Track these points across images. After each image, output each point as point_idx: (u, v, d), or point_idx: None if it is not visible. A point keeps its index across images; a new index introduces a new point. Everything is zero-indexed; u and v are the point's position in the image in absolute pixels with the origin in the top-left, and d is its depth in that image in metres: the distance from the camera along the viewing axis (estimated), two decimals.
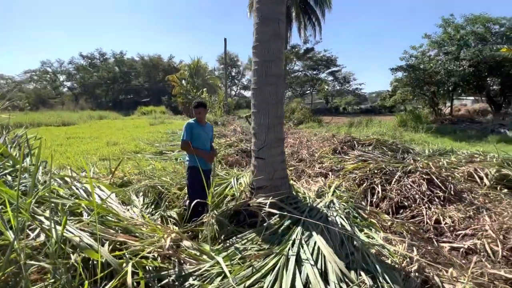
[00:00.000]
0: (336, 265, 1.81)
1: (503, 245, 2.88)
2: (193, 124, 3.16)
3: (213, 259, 2.02)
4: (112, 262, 1.69)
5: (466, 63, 15.12)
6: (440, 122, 15.54)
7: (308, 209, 2.61)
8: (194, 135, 3.10)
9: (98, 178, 4.26)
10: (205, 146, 3.24)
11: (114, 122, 19.88)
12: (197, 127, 3.16)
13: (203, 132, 3.22)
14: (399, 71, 18.25)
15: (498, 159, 5.23)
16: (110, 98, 46.32)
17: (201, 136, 3.17)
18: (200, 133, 3.17)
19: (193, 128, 3.11)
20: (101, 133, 12.97)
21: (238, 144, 8.27)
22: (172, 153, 7.57)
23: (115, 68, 46.15)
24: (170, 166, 5.09)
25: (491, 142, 10.02)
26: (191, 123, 3.17)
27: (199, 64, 31.25)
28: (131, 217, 2.69)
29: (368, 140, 7.50)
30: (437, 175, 4.22)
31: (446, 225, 3.48)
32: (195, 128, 3.13)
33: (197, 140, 3.11)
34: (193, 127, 3.12)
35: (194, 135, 3.11)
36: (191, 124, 3.15)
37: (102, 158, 6.85)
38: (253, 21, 2.59)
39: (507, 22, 16.06)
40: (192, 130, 3.10)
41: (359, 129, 12.72)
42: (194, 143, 3.09)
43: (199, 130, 3.17)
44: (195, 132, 3.12)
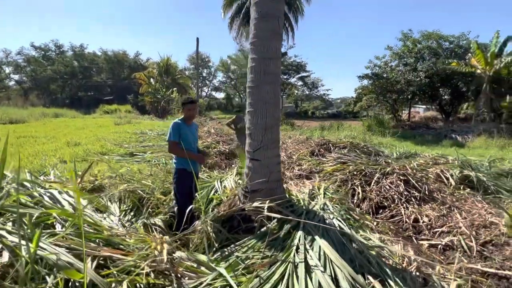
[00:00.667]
0: (346, 270, 1.76)
1: (476, 240, 3.11)
2: (180, 124, 2.95)
3: (212, 270, 1.84)
4: (101, 283, 1.43)
5: (423, 74, 16.68)
6: (400, 128, 16.85)
7: (305, 212, 2.55)
8: (182, 135, 2.90)
9: (63, 183, 3.76)
10: (193, 148, 3.07)
11: (73, 121, 18.13)
12: (184, 127, 2.97)
13: (190, 132, 3.04)
14: (365, 79, 19.52)
15: (459, 161, 5.75)
16: (67, 95, 42.28)
17: (189, 137, 2.99)
18: (188, 133, 2.98)
19: (180, 128, 2.90)
20: (58, 132, 11.70)
21: (215, 146, 8.03)
22: (144, 155, 7.06)
23: (74, 62, 42.27)
24: (145, 169, 4.71)
25: (445, 146, 11.12)
26: (179, 123, 2.95)
27: (169, 63, 30.08)
28: (110, 226, 2.39)
29: (342, 143, 7.77)
30: (412, 176, 4.48)
31: (424, 223, 3.67)
32: (183, 128, 2.93)
33: (184, 141, 2.91)
34: (180, 127, 2.91)
35: (182, 135, 2.90)
36: (178, 124, 2.94)
37: (64, 160, 6.12)
38: (251, 16, 2.48)
39: (455, 40, 18.11)
40: (179, 130, 2.89)
41: (331, 133, 13.24)
42: (183, 144, 2.89)
43: (186, 130, 2.98)
44: (183, 132, 2.91)
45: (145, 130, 12.72)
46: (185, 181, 2.82)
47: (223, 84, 48.47)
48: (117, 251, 1.81)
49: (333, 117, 34.44)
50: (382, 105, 21.54)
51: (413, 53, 18.26)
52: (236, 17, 18.90)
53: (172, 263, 1.76)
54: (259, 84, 2.45)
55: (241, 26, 18.89)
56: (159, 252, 1.79)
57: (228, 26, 19.30)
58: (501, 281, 2.53)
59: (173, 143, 2.88)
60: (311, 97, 42.39)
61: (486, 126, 12.73)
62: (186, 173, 2.82)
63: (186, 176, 2.81)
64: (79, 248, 1.69)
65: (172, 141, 2.88)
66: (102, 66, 44.22)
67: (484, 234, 3.21)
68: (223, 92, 48.96)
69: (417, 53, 18.12)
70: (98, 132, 12.08)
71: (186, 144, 2.91)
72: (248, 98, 2.58)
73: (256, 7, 2.40)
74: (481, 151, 9.28)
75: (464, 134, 12.96)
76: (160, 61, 30.03)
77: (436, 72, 16.46)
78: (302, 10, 19.41)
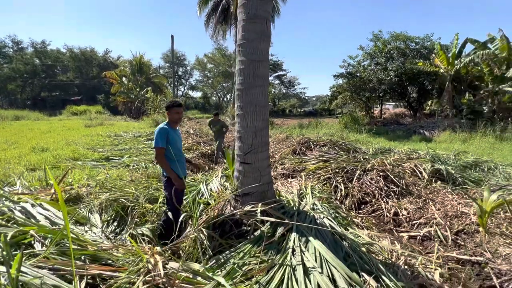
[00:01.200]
0: (342, 270, 1.81)
1: (450, 230, 3.35)
2: (167, 129, 2.80)
3: (209, 279, 1.79)
4: None
5: (393, 74, 17.63)
6: (373, 124, 17.70)
7: (296, 213, 2.57)
8: (170, 141, 2.77)
9: (33, 194, 3.45)
10: (182, 153, 2.99)
11: (37, 124, 16.76)
12: (171, 131, 2.83)
13: (177, 136, 2.94)
14: (340, 78, 20.23)
15: (429, 156, 6.15)
16: (28, 95, 38.99)
17: (177, 142, 2.89)
18: (176, 138, 2.87)
19: (167, 134, 2.76)
20: (21, 137, 10.76)
21: (197, 147, 7.86)
22: (121, 159, 6.72)
23: (35, 60, 38.96)
24: (125, 174, 4.47)
25: (415, 141, 11.85)
26: (165, 128, 2.80)
27: (142, 61, 28.84)
28: (94, 240, 2.24)
29: (322, 141, 7.97)
30: (391, 172, 4.71)
31: (403, 216, 3.89)
32: (170, 134, 2.79)
33: (173, 146, 2.79)
34: (167, 132, 2.77)
35: (170, 141, 2.78)
36: (165, 129, 2.79)
37: (31, 168, 5.63)
38: (239, 17, 2.44)
39: (420, 41, 19.35)
40: (167, 136, 2.75)
41: (309, 131, 13.54)
42: (172, 149, 2.77)
43: (174, 135, 2.86)
44: (171, 137, 2.79)
45: (120, 132, 12.12)
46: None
47: (200, 83, 47.56)
48: (106, 268, 1.70)
49: (309, 115, 35.32)
50: (356, 102, 22.46)
51: (384, 53, 19.24)
52: (212, 15, 18.57)
53: (167, 276, 1.69)
54: (248, 87, 2.43)
55: (218, 24, 18.60)
56: (153, 265, 1.71)
57: (204, 24, 18.92)
58: (474, 267, 2.75)
59: (160, 150, 2.72)
60: (288, 96, 43.08)
61: (449, 122, 13.77)
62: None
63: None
64: (65, 268, 1.56)
65: (160, 148, 2.71)
66: (67, 64, 41.25)
67: (457, 224, 3.47)
68: (200, 91, 48.07)
69: (387, 53, 19.12)
70: (67, 135, 11.30)
71: (175, 149, 2.79)
72: (237, 101, 2.54)
73: (244, 8, 2.37)
74: (447, 145, 10.03)
75: (431, 129, 13.92)
76: (133, 59, 28.72)
77: (405, 71, 17.49)
78: (278, 10, 19.58)
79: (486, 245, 2.93)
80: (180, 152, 2.93)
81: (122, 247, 2.02)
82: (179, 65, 45.84)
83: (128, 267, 1.71)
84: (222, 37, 20.06)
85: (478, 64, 14.54)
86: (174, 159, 2.74)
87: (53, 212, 2.52)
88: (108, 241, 2.33)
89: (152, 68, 32.44)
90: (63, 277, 1.48)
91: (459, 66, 14.42)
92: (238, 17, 2.44)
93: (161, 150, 2.71)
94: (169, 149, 2.74)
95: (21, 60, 37.14)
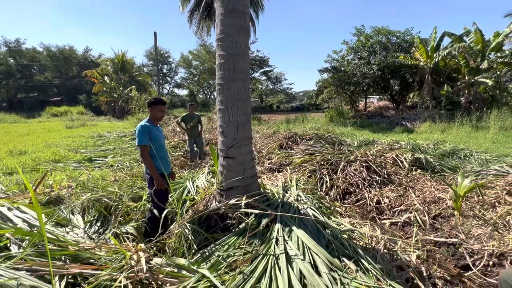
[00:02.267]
0: (323, 256, 1.87)
1: (428, 215, 3.51)
2: (149, 126, 2.77)
3: (194, 273, 1.81)
4: None
5: (375, 67, 18.02)
6: (358, 117, 18.09)
7: (281, 204, 2.62)
8: (152, 137, 2.75)
9: (10, 197, 3.33)
10: (165, 150, 2.96)
11: (14, 126, 16.03)
12: (153, 128, 2.81)
13: (159, 133, 2.91)
14: (325, 72, 20.47)
15: (410, 146, 6.38)
16: (3, 97, 37.09)
17: (160, 139, 2.87)
18: (158, 135, 2.85)
19: (149, 131, 2.73)
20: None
21: (183, 145, 7.78)
22: (105, 159, 6.56)
23: (9, 60, 37.03)
24: (109, 174, 4.38)
25: (398, 132, 12.22)
26: (146, 125, 2.76)
27: (124, 59, 28.06)
28: (76, 241, 2.20)
29: (308, 135, 8.09)
30: (373, 162, 4.86)
31: (385, 204, 4.03)
32: (152, 130, 2.76)
33: (156, 143, 2.77)
34: (149, 129, 2.73)
35: (153, 137, 2.75)
36: (146, 126, 2.75)
37: (8, 171, 5.40)
38: (217, 12, 2.43)
39: (401, 35, 19.84)
40: (149, 133, 2.72)
41: (296, 125, 13.68)
42: (154, 146, 2.75)
43: (156, 131, 2.83)
44: (154, 134, 2.76)
45: (103, 133, 11.81)
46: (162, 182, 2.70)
47: (185, 81, 46.79)
48: (87, 266, 1.68)
49: (297, 110, 35.62)
50: (341, 96, 22.84)
51: (366, 47, 19.60)
52: (195, 11, 18.25)
53: (151, 271, 1.69)
54: (229, 81, 2.43)
55: (201, 20, 18.31)
56: (136, 261, 1.71)
57: (188, 20, 18.57)
58: (449, 248, 2.91)
59: (145, 148, 2.67)
60: (275, 91, 43.19)
61: (429, 113, 14.28)
62: (162, 176, 2.72)
63: (163, 178, 2.71)
64: (43, 268, 1.54)
65: (144, 146, 2.67)
66: (45, 63, 39.48)
67: (434, 209, 3.64)
68: (186, 88, 47.33)
69: (370, 47, 19.49)
70: (47, 137, 10.88)
71: (158, 146, 2.77)
72: (218, 96, 2.54)
73: (222, 2, 2.36)
74: (427, 135, 10.41)
75: (412, 120, 14.38)
76: (115, 57, 27.86)
77: (387, 65, 17.92)
78: (262, 5, 19.49)
79: (460, 227, 3.10)
80: (163, 148, 2.90)
81: (105, 246, 2.00)
82: (164, 62, 44.89)
83: (110, 265, 1.70)
84: (207, 34, 19.77)
85: (455, 57, 15.13)
86: (157, 156, 2.72)
87: (31, 215, 2.45)
88: (91, 241, 2.29)
89: (135, 66, 31.63)
90: (41, 277, 1.46)
91: (438, 59, 14.95)
92: (217, 11, 2.43)
93: (145, 147, 2.67)
94: (151, 146, 2.71)
95: None
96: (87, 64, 38.49)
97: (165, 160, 2.88)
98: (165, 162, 2.85)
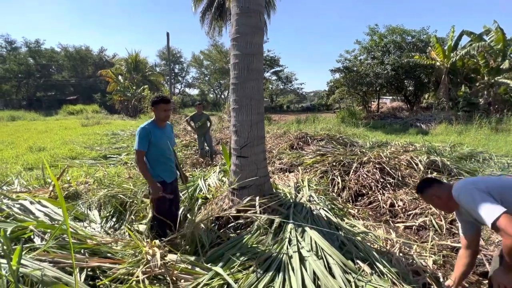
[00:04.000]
0: (337, 257, 1.85)
1: (445, 219, 3.41)
2: (149, 129, 2.45)
3: (208, 270, 1.83)
4: None
5: (389, 67, 17.64)
6: (371, 118, 17.76)
7: (293, 204, 2.61)
8: (153, 141, 2.45)
9: (31, 192, 3.47)
10: (168, 153, 2.60)
11: (34, 124, 16.67)
12: (156, 130, 2.49)
13: (164, 135, 2.56)
14: (337, 72, 20.22)
15: (425, 148, 6.21)
16: (24, 96, 38.63)
17: (162, 141, 2.51)
18: (162, 137, 2.52)
19: (149, 134, 2.43)
20: (17, 137, 10.71)
21: (194, 143, 7.87)
22: (119, 157, 6.73)
23: (29, 60, 38.53)
24: (123, 172, 4.49)
25: (412, 134, 11.92)
26: (146, 128, 2.45)
27: (138, 59, 28.67)
28: (93, 235, 2.26)
29: (319, 136, 8.02)
30: (387, 164, 4.76)
31: (399, 207, 3.94)
32: (154, 133, 2.45)
33: (157, 146, 2.48)
34: (149, 132, 2.43)
35: (154, 141, 2.45)
36: (146, 129, 2.44)
37: (28, 167, 5.63)
38: (232, 11, 2.44)
39: (416, 34, 19.34)
40: (149, 137, 2.43)
41: (307, 126, 13.56)
42: (155, 150, 2.48)
43: (159, 133, 2.51)
44: (154, 137, 2.45)
45: (117, 131, 12.10)
46: (164, 192, 2.45)
47: (196, 80, 47.33)
48: (106, 260, 1.73)
49: (307, 110, 35.34)
50: (353, 97, 22.49)
51: (380, 47, 19.22)
52: (207, 11, 18.43)
53: (166, 267, 1.72)
54: (243, 80, 2.44)
55: (213, 21, 18.48)
56: (151, 256, 1.74)
57: (200, 20, 18.78)
58: None
59: (140, 153, 2.41)
60: (285, 91, 42.99)
61: (445, 114, 13.85)
62: (165, 185, 2.51)
63: (165, 187, 2.49)
64: (65, 260, 1.59)
65: (140, 151, 2.40)
66: (62, 63, 40.85)
67: (451, 213, 3.53)
68: (197, 88, 47.86)
69: (384, 47, 19.10)
70: (64, 135, 11.26)
71: (159, 150, 2.49)
72: (232, 95, 2.55)
73: (238, 2, 2.37)
74: (443, 137, 10.10)
75: (427, 122, 13.98)
76: (128, 57, 28.52)
77: (401, 65, 17.51)
78: (274, 5, 19.47)
79: None
80: (166, 153, 2.56)
81: (121, 241, 2.05)
82: (176, 62, 45.56)
83: (127, 259, 1.74)
84: (218, 34, 19.96)
85: (474, 57, 14.60)
86: (159, 162, 2.49)
87: (51, 209, 2.54)
88: (107, 236, 2.36)
89: (148, 66, 32.26)
90: (63, 269, 1.51)
91: (455, 58, 14.47)
92: (232, 11, 2.44)
93: (141, 153, 2.40)
94: (151, 151, 2.46)
95: (14, 60, 36.72)
96: (102, 64, 39.55)
97: (168, 166, 2.59)
98: (168, 168, 2.59)
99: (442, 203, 1.67)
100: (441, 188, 1.66)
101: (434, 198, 1.69)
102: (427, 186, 1.73)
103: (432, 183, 1.74)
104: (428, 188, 1.72)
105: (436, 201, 1.69)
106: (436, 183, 1.74)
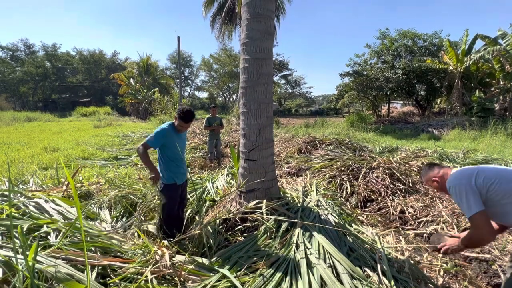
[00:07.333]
0: (345, 264, 1.83)
1: (457, 228, 3.32)
2: (169, 131, 2.57)
3: (215, 272, 1.84)
4: None
5: (400, 71, 17.39)
6: (381, 123, 17.50)
7: (301, 209, 2.60)
8: (168, 143, 2.58)
9: (45, 191, 3.58)
10: (182, 156, 2.68)
11: (49, 125, 17.22)
12: (173, 134, 2.61)
13: (180, 139, 2.69)
14: (347, 76, 20.07)
15: (437, 154, 6.07)
16: (40, 97, 40.02)
17: (175, 146, 2.61)
18: (178, 141, 2.64)
19: (166, 137, 2.56)
20: (33, 137, 11.08)
21: (203, 146, 7.95)
22: (129, 158, 6.86)
23: (46, 63, 39.96)
24: (134, 173, 4.58)
25: (423, 139, 11.67)
26: (167, 129, 2.58)
27: (149, 62, 29.27)
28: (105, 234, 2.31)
29: (328, 140, 7.95)
30: (397, 170, 4.68)
31: (409, 214, 3.86)
32: (170, 136, 2.58)
33: (172, 149, 2.58)
34: (167, 135, 2.55)
35: (169, 144, 2.58)
36: (165, 132, 2.56)
37: (43, 167, 5.81)
38: (242, 16, 2.48)
39: (428, 38, 19.03)
40: (165, 139, 2.55)
41: (315, 130, 13.48)
42: (170, 153, 2.61)
43: (176, 137, 2.63)
44: (170, 140, 2.58)
45: (128, 133, 12.36)
46: (173, 196, 2.60)
47: (205, 84, 47.90)
48: (116, 259, 1.77)
49: (316, 114, 35.14)
50: (363, 101, 22.24)
51: (391, 51, 19.00)
52: (217, 16, 18.70)
53: (174, 267, 1.75)
54: (252, 84, 2.47)
55: (223, 25, 18.72)
56: (160, 257, 1.77)
57: (210, 25, 19.07)
58: (481, 264, 2.72)
59: (147, 148, 2.52)
60: (294, 95, 42.93)
61: (458, 119, 13.50)
62: (176, 187, 2.61)
63: (175, 190, 2.61)
64: (77, 258, 1.64)
65: (149, 146, 2.52)
66: (77, 66, 42.19)
67: (464, 221, 3.42)
68: (206, 91, 48.40)
69: (394, 51, 18.87)
70: (77, 136, 11.57)
71: (174, 154, 2.60)
72: (241, 99, 2.58)
73: (248, 7, 2.41)
74: (456, 143, 9.84)
75: (439, 127, 13.66)
76: (140, 61, 29.16)
77: (412, 69, 17.23)
78: (283, 9, 19.57)
79: (494, 243, 2.89)
80: (179, 156, 2.65)
81: (131, 240, 2.09)
82: (186, 66, 46.30)
83: (136, 258, 1.77)
84: (228, 38, 20.18)
85: (488, 61, 14.24)
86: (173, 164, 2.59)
87: (65, 208, 2.62)
88: (118, 235, 2.40)
89: (158, 69, 32.90)
90: (75, 266, 1.55)
91: (469, 63, 14.14)
92: (242, 16, 2.48)
93: (148, 147, 2.53)
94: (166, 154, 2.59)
95: (32, 63, 38.16)
96: (114, 67, 40.63)
97: (180, 168, 2.69)
98: (180, 170, 2.69)
99: (439, 186, 1.81)
100: (440, 172, 1.80)
101: (433, 181, 1.82)
102: (428, 169, 1.89)
103: (433, 167, 1.89)
104: (428, 170, 1.88)
105: (435, 184, 1.82)
106: (436, 166, 1.89)
